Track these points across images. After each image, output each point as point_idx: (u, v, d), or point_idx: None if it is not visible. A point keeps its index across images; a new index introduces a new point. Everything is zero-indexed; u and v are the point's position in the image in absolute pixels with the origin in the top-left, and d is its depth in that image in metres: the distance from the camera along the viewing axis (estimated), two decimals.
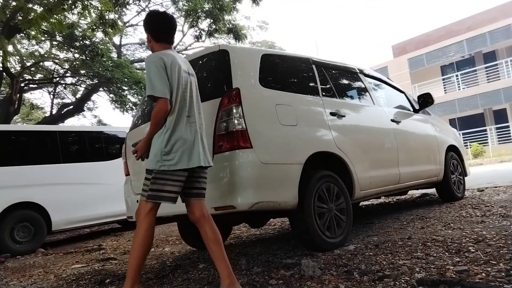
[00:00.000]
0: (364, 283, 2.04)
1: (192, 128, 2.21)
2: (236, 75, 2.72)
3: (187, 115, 2.20)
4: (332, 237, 2.88)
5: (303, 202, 2.74)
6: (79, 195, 5.99)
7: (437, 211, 4.15)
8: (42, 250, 5.41)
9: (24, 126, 11.36)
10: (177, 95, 2.18)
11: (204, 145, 2.25)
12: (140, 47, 20.00)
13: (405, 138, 4.04)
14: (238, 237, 4.35)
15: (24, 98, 15.13)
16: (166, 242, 4.80)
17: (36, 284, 3.25)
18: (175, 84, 2.18)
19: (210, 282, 2.45)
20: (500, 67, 20.66)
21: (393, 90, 4.64)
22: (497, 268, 1.99)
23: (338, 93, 3.53)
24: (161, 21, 2.37)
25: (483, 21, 20.77)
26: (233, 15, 11.88)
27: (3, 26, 8.77)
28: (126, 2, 10.75)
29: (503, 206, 3.88)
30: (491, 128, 20.70)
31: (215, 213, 2.53)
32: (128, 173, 3.44)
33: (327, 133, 3.09)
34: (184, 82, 2.21)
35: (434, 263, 2.21)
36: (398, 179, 3.80)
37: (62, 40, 11.89)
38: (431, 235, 2.94)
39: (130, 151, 3.44)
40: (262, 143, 2.60)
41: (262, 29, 21.41)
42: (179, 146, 2.14)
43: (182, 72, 2.21)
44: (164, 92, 2.11)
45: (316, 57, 3.63)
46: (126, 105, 14.40)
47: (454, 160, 4.93)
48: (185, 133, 2.17)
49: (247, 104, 2.61)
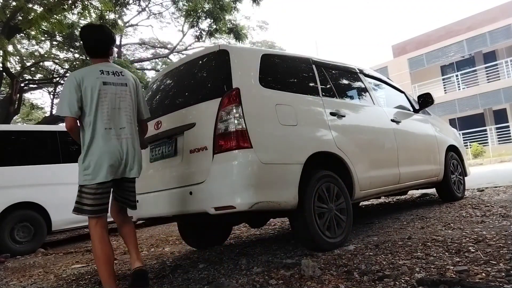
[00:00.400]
0: (364, 283, 2.04)
1: (113, 140, 2.24)
2: (236, 75, 2.72)
3: (106, 128, 2.23)
4: (332, 237, 2.88)
5: (303, 202, 2.74)
6: None
7: (437, 211, 4.15)
8: (42, 250, 5.41)
9: (24, 126, 11.35)
10: (91, 110, 2.22)
11: (129, 157, 2.29)
12: (140, 47, 20.01)
13: (405, 138, 4.04)
14: (238, 237, 4.35)
15: (24, 98, 15.14)
16: (166, 242, 4.80)
17: (36, 284, 3.25)
18: (88, 99, 2.22)
19: (210, 282, 2.45)
20: (500, 67, 20.66)
21: (393, 90, 4.64)
22: (497, 268, 1.99)
23: (338, 93, 3.53)
24: (85, 37, 2.45)
25: (483, 21, 20.77)
26: (233, 14, 11.89)
27: (3, 26, 8.78)
28: (126, 2, 10.75)
29: (503, 206, 3.88)
30: (491, 128, 20.70)
31: (215, 213, 2.54)
32: None
33: (327, 133, 3.09)
34: (100, 96, 2.24)
35: (434, 263, 2.21)
36: (398, 179, 3.80)
37: (62, 40, 11.90)
38: (431, 235, 2.94)
39: None
40: (262, 143, 2.60)
41: (262, 29, 21.44)
42: (96, 160, 2.20)
43: (98, 86, 2.25)
44: (66, 111, 2.20)
45: (316, 57, 3.63)
46: None
47: (454, 160, 4.93)
48: (104, 146, 2.22)
49: (247, 104, 2.61)
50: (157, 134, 3.03)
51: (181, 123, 2.87)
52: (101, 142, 2.22)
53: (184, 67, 3.30)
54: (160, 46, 20.15)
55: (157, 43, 20.18)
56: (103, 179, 2.20)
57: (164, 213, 2.98)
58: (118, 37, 16.60)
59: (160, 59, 19.60)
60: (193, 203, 2.67)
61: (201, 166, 2.65)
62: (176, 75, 3.38)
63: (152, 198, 3.03)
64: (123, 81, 2.37)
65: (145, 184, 3.17)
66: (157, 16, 16.86)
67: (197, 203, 2.65)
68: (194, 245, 3.88)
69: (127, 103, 2.35)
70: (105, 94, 2.26)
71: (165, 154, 2.99)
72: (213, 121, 2.62)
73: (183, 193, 2.73)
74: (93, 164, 2.20)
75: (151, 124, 3.13)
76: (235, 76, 2.72)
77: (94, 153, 2.21)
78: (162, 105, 3.31)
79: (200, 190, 2.62)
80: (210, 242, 3.86)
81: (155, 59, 19.99)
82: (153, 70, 19.18)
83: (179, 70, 3.35)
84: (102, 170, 2.20)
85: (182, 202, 2.75)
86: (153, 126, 3.08)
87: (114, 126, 2.27)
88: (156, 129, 3.04)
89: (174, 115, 2.98)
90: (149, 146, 3.11)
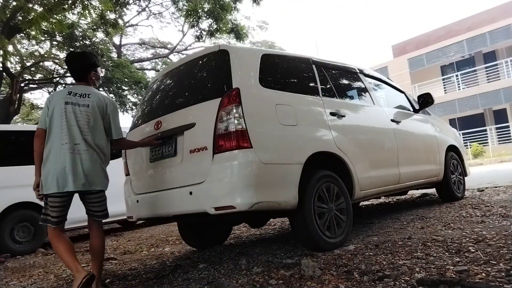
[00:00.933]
0: (364, 283, 2.04)
1: (67, 154, 2.42)
2: (236, 75, 2.72)
3: (62, 143, 2.44)
4: (332, 237, 2.88)
5: (303, 202, 2.74)
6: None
7: (437, 211, 4.15)
8: (42, 250, 5.41)
9: (24, 126, 11.34)
10: (51, 125, 2.50)
11: (84, 171, 2.46)
12: (140, 47, 20.01)
13: (405, 138, 4.04)
14: (238, 237, 4.35)
15: (24, 98, 15.14)
16: (166, 242, 4.80)
17: (36, 284, 3.25)
18: (51, 116, 2.51)
19: (210, 282, 2.45)
20: (500, 67, 20.65)
21: (393, 90, 4.64)
22: (497, 268, 1.99)
23: (338, 93, 3.53)
24: (67, 64, 2.78)
25: (483, 21, 20.77)
26: (233, 14, 11.89)
27: (4, 26, 8.78)
28: (126, 2, 10.75)
29: (503, 206, 3.88)
30: (491, 128, 20.70)
31: (215, 213, 2.54)
32: (128, 173, 3.45)
33: (327, 133, 3.09)
34: (60, 114, 2.49)
35: (434, 263, 2.21)
36: (398, 179, 3.80)
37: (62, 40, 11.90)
38: (431, 235, 2.94)
39: (131, 151, 3.44)
40: (262, 143, 2.60)
41: (262, 29, 21.43)
42: (51, 173, 2.41)
43: (60, 105, 2.50)
44: (40, 124, 2.54)
45: (316, 57, 3.63)
46: (126, 105, 14.42)
47: (454, 160, 4.93)
48: (59, 160, 2.42)
49: (247, 104, 2.61)
50: (157, 134, 3.03)
51: (181, 123, 2.87)
52: (54, 156, 2.44)
53: (184, 67, 3.30)
54: (160, 46, 20.16)
55: (157, 43, 20.20)
56: (55, 190, 2.40)
57: (164, 213, 2.98)
58: (118, 37, 16.62)
59: (160, 59, 19.61)
60: (193, 203, 2.67)
61: (201, 166, 2.65)
62: (176, 75, 3.37)
63: (152, 198, 3.03)
64: (86, 103, 2.57)
65: (145, 184, 3.17)
66: (157, 16, 16.88)
67: (197, 203, 2.65)
68: (194, 245, 3.88)
69: (84, 121, 2.52)
70: (64, 113, 2.49)
71: (165, 154, 2.99)
72: (213, 121, 2.62)
73: (183, 193, 2.73)
74: (46, 176, 2.42)
75: (151, 124, 3.14)
76: (235, 76, 2.72)
77: (48, 166, 2.43)
78: (162, 105, 3.31)
79: (200, 190, 2.62)
80: (210, 242, 3.86)
81: (155, 59, 20.00)
82: (153, 70, 19.19)
83: (179, 70, 3.35)
84: (53, 182, 2.40)
85: (182, 202, 2.75)
86: (153, 126, 3.08)
87: (70, 141, 2.46)
88: (156, 129, 3.04)
89: (174, 115, 2.98)
90: (149, 146, 3.11)
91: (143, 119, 3.38)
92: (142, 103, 3.69)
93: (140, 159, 3.25)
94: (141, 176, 3.26)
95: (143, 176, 3.22)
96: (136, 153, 3.31)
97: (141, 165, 3.26)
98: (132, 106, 14.52)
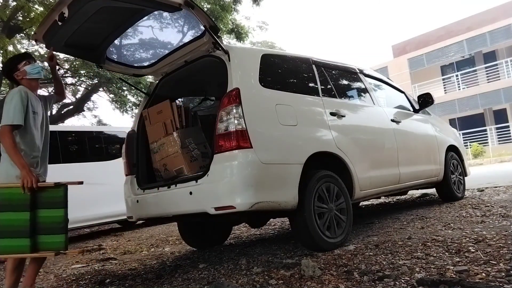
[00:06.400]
0: (364, 283, 2.04)
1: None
2: (236, 75, 2.72)
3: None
4: (332, 237, 2.88)
5: (303, 202, 2.74)
6: (79, 195, 5.95)
7: (437, 211, 4.15)
8: None
9: None
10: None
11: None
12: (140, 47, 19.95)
13: (405, 138, 4.03)
14: (238, 237, 4.36)
15: None
16: (166, 242, 4.80)
17: (36, 284, 3.24)
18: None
19: (210, 282, 2.45)
20: (500, 67, 20.64)
21: (393, 90, 4.64)
22: (497, 268, 1.99)
23: (338, 93, 3.53)
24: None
25: (483, 21, 20.75)
26: (233, 15, 11.88)
27: (4, 25, 8.77)
28: None
29: (503, 206, 3.88)
30: (491, 128, 20.68)
31: (215, 213, 2.54)
32: (128, 173, 3.44)
33: (327, 133, 3.09)
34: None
35: (434, 263, 2.21)
36: (398, 179, 3.80)
37: None
38: (431, 235, 2.94)
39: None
40: (262, 143, 2.60)
41: (262, 30, 21.43)
42: None
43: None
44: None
45: (316, 57, 3.63)
46: (126, 105, 14.40)
47: (454, 160, 4.92)
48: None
49: (247, 104, 2.61)
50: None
51: None
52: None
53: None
54: (160, 46, 20.12)
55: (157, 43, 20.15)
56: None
57: (164, 213, 2.98)
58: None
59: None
60: (193, 203, 2.67)
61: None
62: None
63: (152, 198, 3.03)
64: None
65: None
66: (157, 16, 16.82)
67: (197, 203, 2.65)
68: (194, 245, 3.88)
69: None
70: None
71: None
72: (213, 121, 2.62)
73: (183, 193, 2.73)
74: None
75: None
76: (235, 76, 2.72)
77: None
78: None
79: (200, 190, 2.63)
80: (210, 242, 3.86)
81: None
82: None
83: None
84: None
85: (182, 202, 2.75)
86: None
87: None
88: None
89: None
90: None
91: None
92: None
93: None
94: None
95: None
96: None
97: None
98: (132, 106, 14.51)
